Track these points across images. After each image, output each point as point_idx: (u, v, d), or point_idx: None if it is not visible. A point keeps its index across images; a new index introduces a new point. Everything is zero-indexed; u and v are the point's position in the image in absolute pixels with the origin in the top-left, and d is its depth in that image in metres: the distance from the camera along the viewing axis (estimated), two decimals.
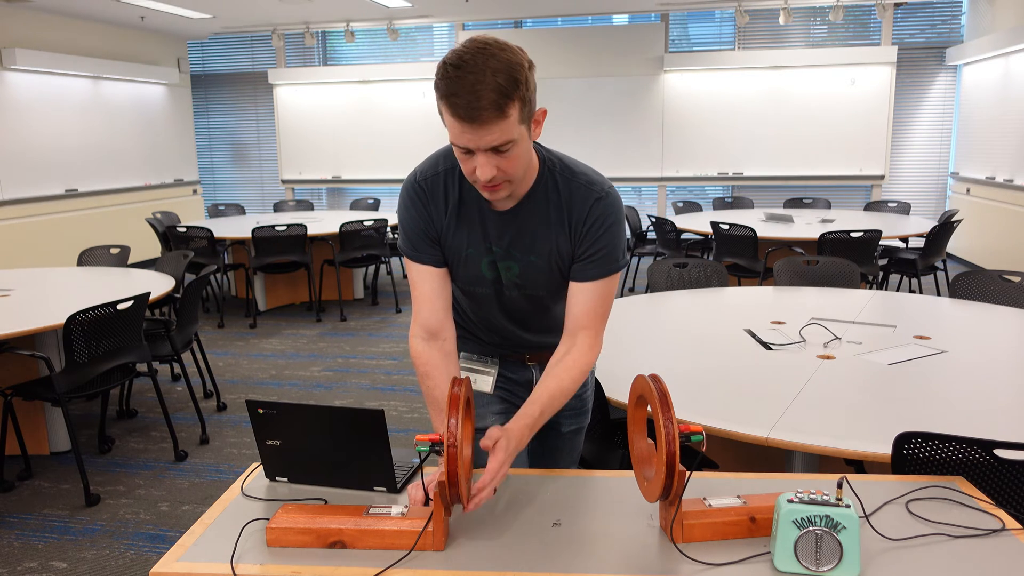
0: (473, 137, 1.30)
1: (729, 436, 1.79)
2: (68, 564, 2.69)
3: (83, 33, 8.21)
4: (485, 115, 1.27)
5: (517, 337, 1.68)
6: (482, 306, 1.63)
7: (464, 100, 1.26)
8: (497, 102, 1.27)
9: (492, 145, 1.31)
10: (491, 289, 1.58)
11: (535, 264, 1.53)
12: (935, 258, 5.57)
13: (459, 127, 1.30)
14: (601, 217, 1.48)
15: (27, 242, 7.47)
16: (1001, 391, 2.02)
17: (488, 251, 1.53)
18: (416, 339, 1.54)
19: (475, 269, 1.55)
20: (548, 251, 1.52)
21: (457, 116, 1.29)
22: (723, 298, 3.24)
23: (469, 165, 1.36)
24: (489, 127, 1.29)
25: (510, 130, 1.31)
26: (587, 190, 1.49)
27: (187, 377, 3.93)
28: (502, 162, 1.34)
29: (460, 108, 1.27)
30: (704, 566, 1.20)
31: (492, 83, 1.26)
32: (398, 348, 5.40)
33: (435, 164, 1.53)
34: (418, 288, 1.55)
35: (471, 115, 1.27)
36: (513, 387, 1.75)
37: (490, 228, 1.51)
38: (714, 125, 8.92)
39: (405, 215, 1.54)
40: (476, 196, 1.51)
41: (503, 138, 1.31)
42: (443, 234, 1.53)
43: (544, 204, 1.50)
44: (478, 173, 1.35)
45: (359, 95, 9.78)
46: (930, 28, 8.65)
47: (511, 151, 1.34)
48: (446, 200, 1.51)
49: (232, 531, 1.34)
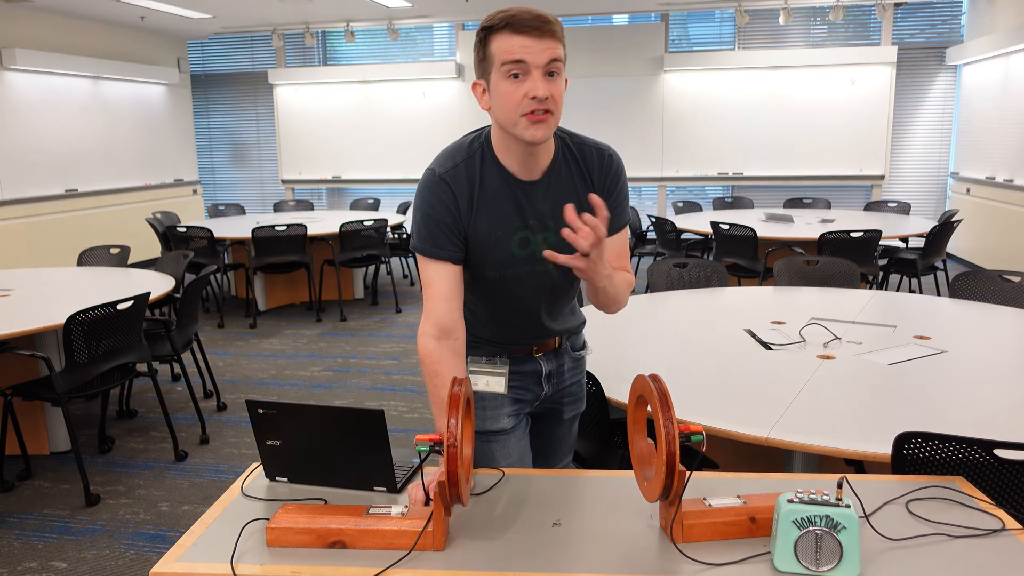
0: (534, 50, 1.41)
1: (729, 436, 1.79)
2: (68, 564, 2.69)
3: (83, 33, 8.21)
4: (547, 27, 1.42)
5: (538, 322, 1.70)
6: (513, 290, 1.63)
7: (529, 16, 1.41)
8: (553, 23, 1.44)
9: (551, 58, 1.42)
10: (523, 268, 1.61)
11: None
12: (935, 258, 5.57)
13: (520, 41, 1.41)
14: (616, 172, 1.64)
15: (27, 242, 7.47)
16: (1001, 391, 2.02)
17: (522, 227, 1.57)
18: (427, 337, 1.54)
19: (504, 251, 1.58)
20: (580, 213, 1.56)
21: (522, 30, 1.41)
22: (723, 298, 3.24)
23: (520, 91, 1.43)
24: (549, 40, 1.42)
25: (561, 52, 1.44)
26: (599, 151, 1.63)
27: (187, 377, 3.93)
28: (551, 87, 1.43)
29: (526, 21, 1.41)
30: (704, 566, 1.20)
31: (548, 12, 1.45)
32: (398, 348, 5.40)
33: (451, 158, 1.56)
34: (433, 286, 1.55)
35: (538, 25, 1.41)
36: (523, 380, 1.75)
37: (523, 201, 1.56)
38: (714, 125, 8.92)
39: (429, 211, 1.54)
40: (501, 175, 1.55)
41: (557, 53, 1.43)
42: (469, 225, 1.55)
43: (567, 170, 1.60)
44: (535, 91, 1.42)
45: (359, 95, 9.79)
46: (930, 28, 8.65)
47: (558, 79, 1.45)
48: (470, 188, 1.54)
49: (232, 531, 1.34)
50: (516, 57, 1.41)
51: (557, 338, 1.76)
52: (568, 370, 1.80)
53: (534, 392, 1.77)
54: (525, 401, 1.77)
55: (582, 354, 1.85)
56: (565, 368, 1.80)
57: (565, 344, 1.79)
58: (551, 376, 1.77)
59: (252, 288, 6.27)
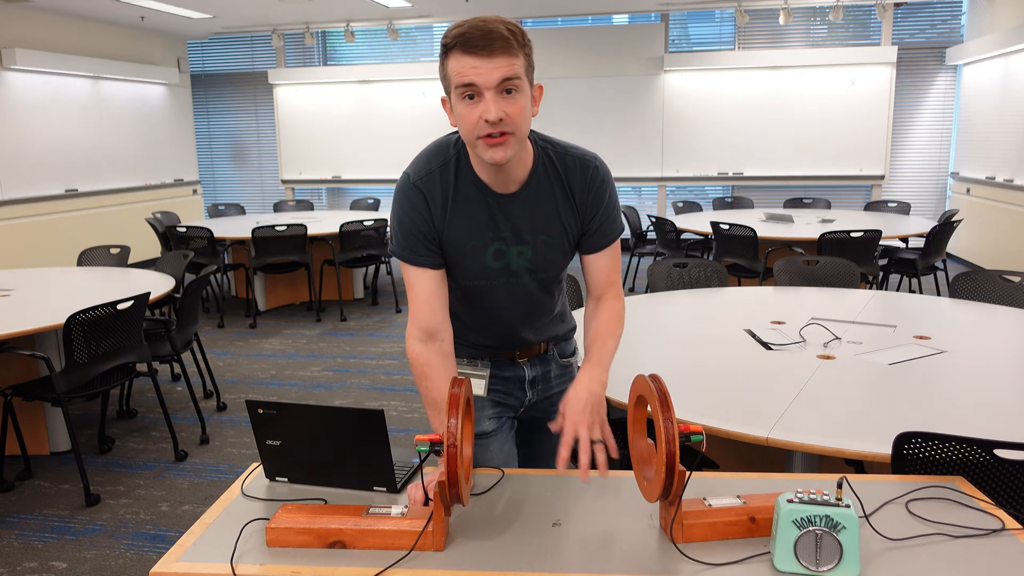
0: (483, 71, 1.34)
1: (729, 436, 1.79)
2: (68, 564, 2.69)
3: (83, 33, 8.21)
4: (496, 46, 1.33)
5: (515, 332, 1.68)
6: (486, 300, 1.62)
7: (477, 33, 1.34)
8: (506, 37, 1.35)
9: (502, 77, 1.34)
10: (498, 280, 1.58)
11: (547, 243, 1.56)
12: (935, 258, 5.57)
13: (470, 62, 1.34)
14: (601, 185, 1.56)
15: (27, 242, 7.47)
16: (1001, 391, 2.02)
17: (496, 239, 1.54)
18: (413, 340, 1.54)
19: (479, 262, 1.55)
20: (558, 228, 1.56)
21: (470, 50, 1.34)
22: (723, 298, 3.24)
23: (474, 113, 1.37)
24: (499, 58, 1.34)
25: (517, 68, 1.36)
26: (582, 162, 1.55)
27: (187, 377, 3.93)
28: (507, 106, 1.36)
29: (474, 40, 1.33)
30: (704, 566, 1.20)
31: (502, 23, 1.36)
32: (398, 348, 5.40)
33: (427, 163, 1.53)
34: (415, 290, 1.54)
35: (484, 44, 1.33)
36: (505, 385, 1.73)
37: (497, 213, 1.52)
38: (714, 125, 8.92)
39: (404, 218, 1.52)
40: (476, 185, 1.51)
41: (511, 71, 1.35)
42: (443, 232, 1.52)
43: (547, 182, 1.54)
44: (487, 113, 1.35)
45: (359, 95, 9.79)
46: (930, 28, 8.65)
47: (516, 96, 1.37)
48: (444, 196, 1.51)
49: (232, 531, 1.34)
50: (467, 80, 1.35)
51: (543, 344, 1.73)
52: (555, 377, 1.77)
53: (517, 397, 1.74)
54: (508, 405, 1.74)
55: (570, 361, 1.81)
56: (552, 375, 1.76)
57: (552, 350, 1.75)
58: (535, 382, 1.74)
59: (252, 288, 6.27)
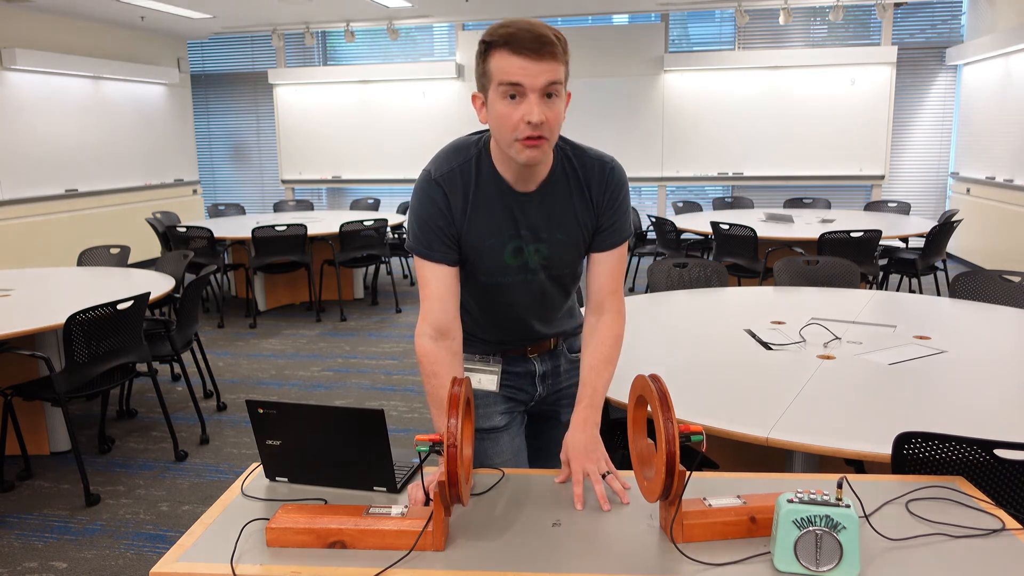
0: (532, 72, 1.36)
1: (729, 436, 1.79)
2: (68, 564, 2.69)
3: (83, 33, 8.21)
4: (546, 50, 1.36)
5: (529, 327, 1.70)
6: (503, 296, 1.63)
7: (529, 36, 1.35)
8: (555, 43, 1.37)
9: (549, 81, 1.37)
10: (516, 277, 1.60)
11: (563, 242, 1.58)
12: (935, 258, 5.57)
13: (518, 63, 1.36)
14: (617, 186, 1.59)
15: (27, 242, 7.47)
16: (1001, 391, 2.02)
17: (515, 236, 1.55)
18: (424, 338, 1.54)
19: (498, 259, 1.57)
20: (574, 226, 1.57)
21: (519, 51, 1.35)
22: (723, 298, 3.24)
23: (516, 113, 1.39)
24: (547, 63, 1.36)
25: (560, 74, 1.39)
26: (600, 163, 1.58)
27: (187, 377, 3.93)
28: (548, 111, 1.39)
29: (524, 42, 1.35)
30: (704, 566, 1.20)
31: (549, 30, 1.39)
32: (398, 348, 5.40)
33: (448, 160, 1.54)
34: (429, 287, 1.55)
35: (535, 47, 1.35)
36: (516, 380, 1.75)
37: (516, 211, 1.54)
38: (714, 125, 8.92)
39: (423, 213, 1.53)
40: (496, 184, 1.53)
41: (556, 76, 1.38)
42: (463, 229, 1.54)
43: (564, 182, 1.56)
44: (530, 115, 1.37)
45: (359, 95, 9.78)
46: (930, 28, 8.65)
47: (555, 101, 1.40)
48: (465, 193, 1.53)
49: (232, 531, 1.34)
50: (513, 79, 1.37)
51: (553, 339, 1.76)
52: (564, 372, 1.80)
53: (528, 392, 1.77)
54: (519, 400, 1.77)
55: (579, 356, 1.83)
56: (561, 369, 1.79)
57: (561, 346, 1.78)
58: (546, 377, 1.77)
59: (252, 288, 6.27)
